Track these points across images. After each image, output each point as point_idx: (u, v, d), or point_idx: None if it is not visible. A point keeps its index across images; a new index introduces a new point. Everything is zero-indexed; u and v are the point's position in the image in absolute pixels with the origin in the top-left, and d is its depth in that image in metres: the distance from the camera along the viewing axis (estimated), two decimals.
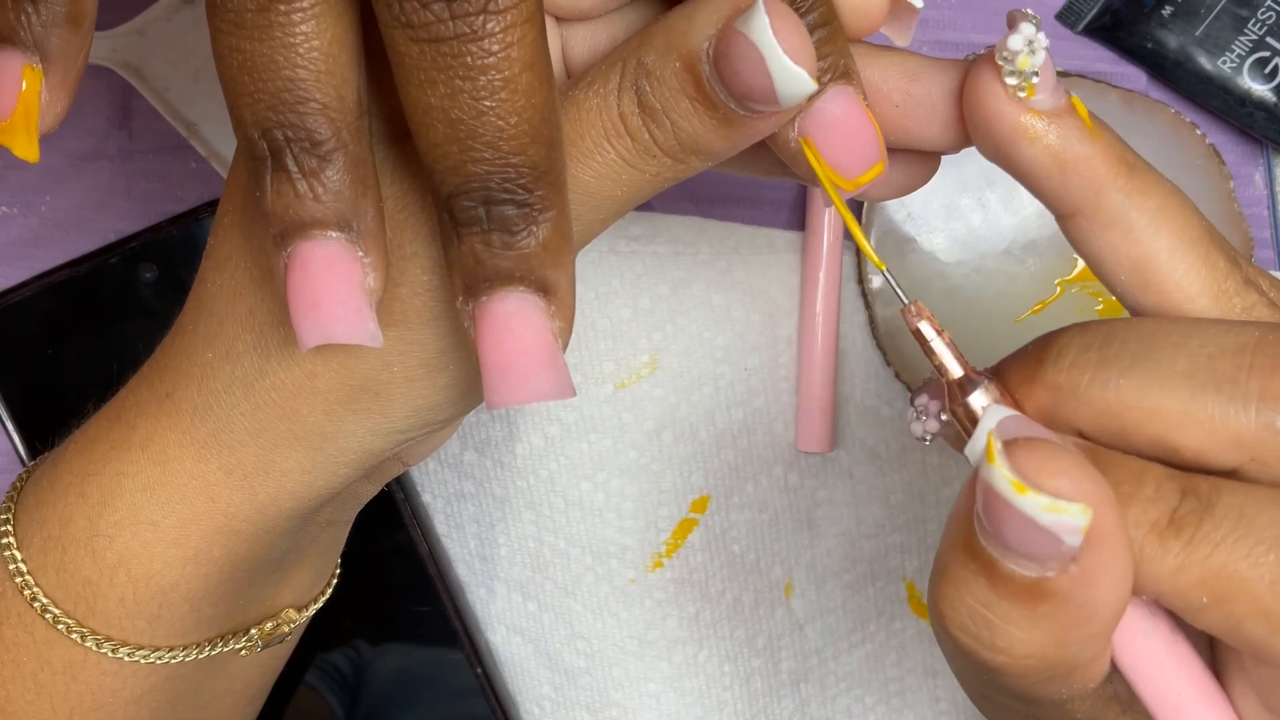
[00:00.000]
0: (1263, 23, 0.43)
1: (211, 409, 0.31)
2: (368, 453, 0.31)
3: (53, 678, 0.33)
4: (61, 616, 0.32)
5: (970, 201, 0.44)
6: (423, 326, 0.29)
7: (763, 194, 0.46)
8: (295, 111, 0.25)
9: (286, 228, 0.26)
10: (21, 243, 0.45)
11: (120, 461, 0.32)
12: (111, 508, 0.32)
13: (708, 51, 0.26)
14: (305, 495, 0.32)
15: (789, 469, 0.46)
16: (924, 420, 0.28)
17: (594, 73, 0.28)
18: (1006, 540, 0.22)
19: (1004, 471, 0.22)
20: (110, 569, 0.32)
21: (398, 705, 0.46)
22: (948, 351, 0.27)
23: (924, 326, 0.27)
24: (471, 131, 0.25)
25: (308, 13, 0.25)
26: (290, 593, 0.36)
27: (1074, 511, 0.21)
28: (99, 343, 0.44)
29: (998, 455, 0.22)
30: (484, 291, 0.26)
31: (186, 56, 0.44)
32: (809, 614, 0.47)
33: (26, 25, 0.26)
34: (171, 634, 0.33)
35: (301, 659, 0.45)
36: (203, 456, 0.31)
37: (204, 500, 0.31)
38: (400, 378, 0.30)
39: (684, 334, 0.46)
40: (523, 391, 0.26)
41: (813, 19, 0.27)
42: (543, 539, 0.46)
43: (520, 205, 0.26)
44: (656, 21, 0.28)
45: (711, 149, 0.28)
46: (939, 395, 0.28)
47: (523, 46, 0.25)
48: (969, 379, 0.26)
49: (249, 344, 0.30)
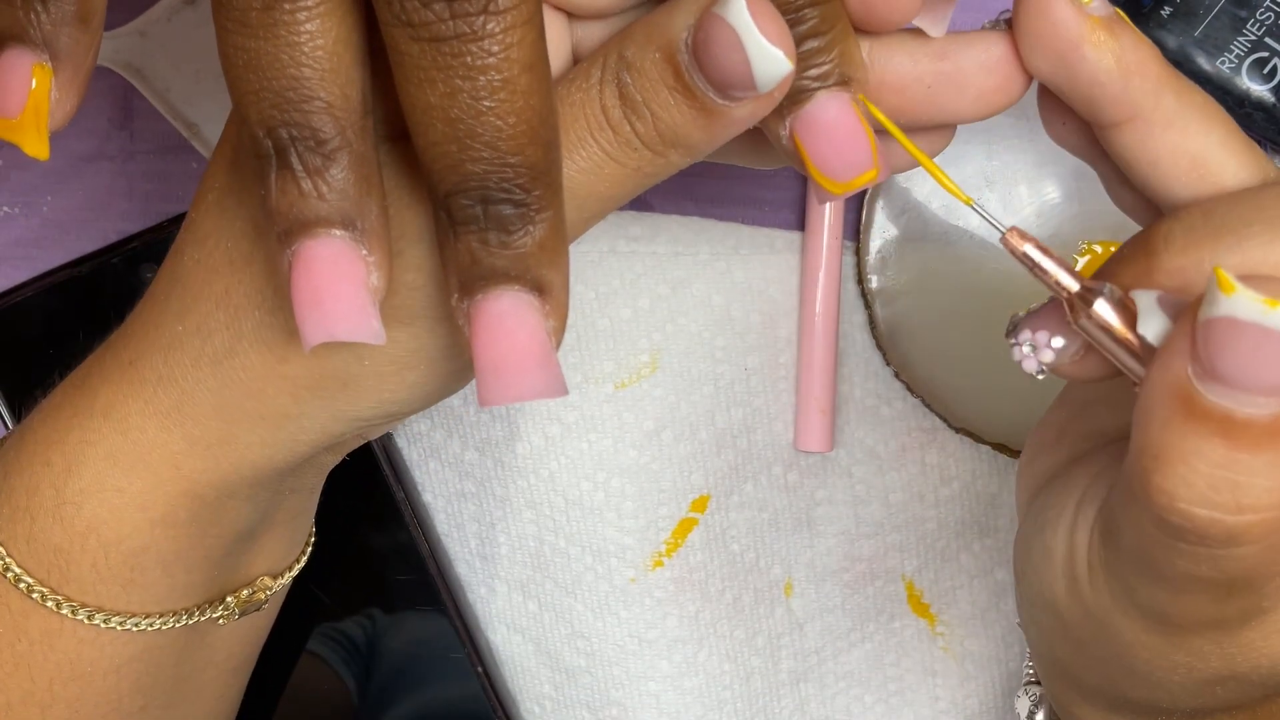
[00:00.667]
0: (1261, 23, 0.43)
1: (176, 381, 0.31)
2: (328, 434, 0.32)
3: (30, 648, 0.33)
4: (36, 585, 0.32)
5: None
6: (400, 325, 0.29)
7: (763, 194, 0.46)
8: (300, 110, 0.25)
9: (291, 226, 0.26)
10: (23, 243, 0.45)
11: (83, 429, 0.32)
12: (76, 475, 0.32)
13: (686, 41, 0.27)
14: (266, 467, 0.32)
15: (788, 468, 0.46)
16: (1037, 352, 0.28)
17: (577, 68, 0.28)
18: (1251, 375, 0.22)
19: (1251, 294, 0.22)
20: (80, 536, 0.32)
21: (397, 704, 0.46)
22: (1061, 269, 0.27)
23: (1031, 250, 0.27)
24: (470, 131, 0.25)
25: (312, 11, 0.25)
26: (264, 560, 0.36)
27: None
28: (100, 343, 0.44)
29: (1238, 285, 0.22)
30: (479, 290, 0.26)
31: (188, 57, 0.44)
32: (808, 613, 0.47)
33: (36, 24, 0.27)
34: (146, 600, 0.33)
35: (301, 658, 0.45)
36: (165, 427, 0.31)
37: (168, 468, 0.32)
38: (370, 372, 0.30)
39: (684, 334, 0.46)
40: (515, 389, 0.26)
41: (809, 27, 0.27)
42: (543, 538, 0.46)
43: (517, 205, 0.26)
44: (639, 18, 0.28)
45: (691, 140, 0.28)
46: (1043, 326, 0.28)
47: (522, 48, 0.25)
48: (1089, 289, 0.26)
49: (221, 322, 0.30)
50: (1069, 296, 0.27)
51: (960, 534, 0.47)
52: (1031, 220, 0.44)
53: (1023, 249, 0.27)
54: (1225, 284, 0.22)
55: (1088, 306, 0.26)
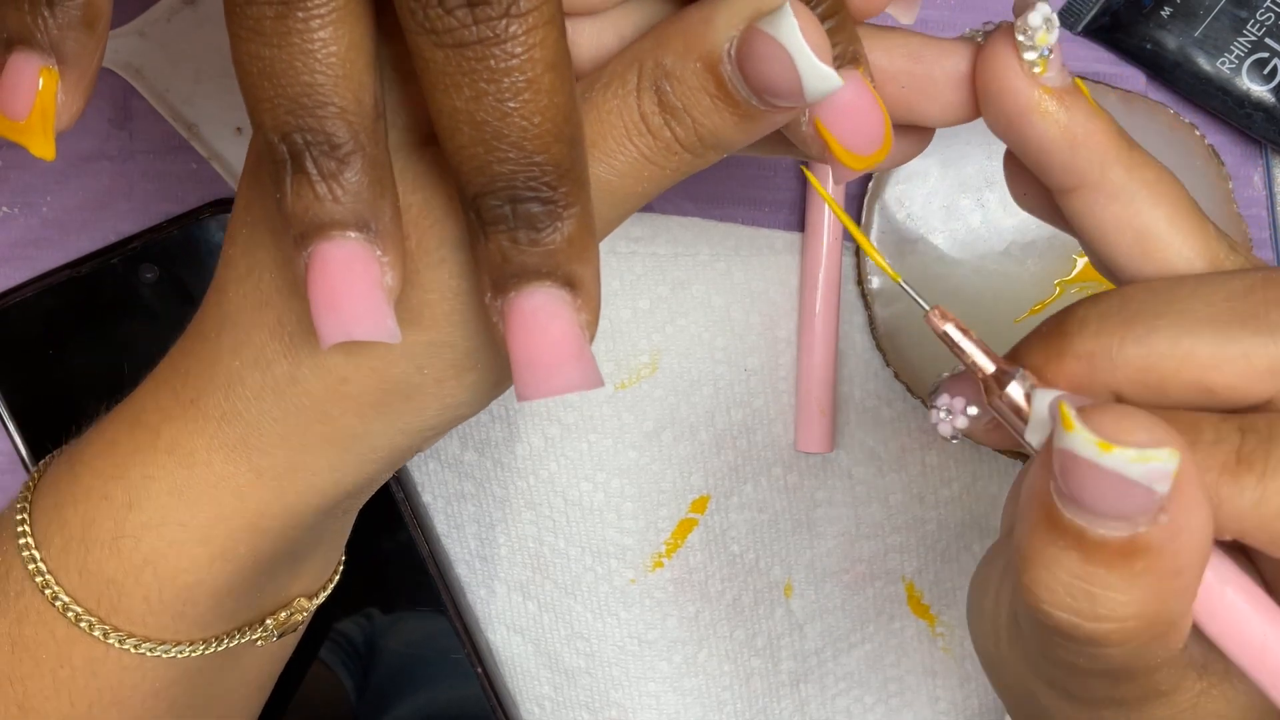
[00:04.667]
0: (1261, 24, 0.43)
1: (240, 415, 0.31)
2: (397, 450, 0.32)
3: (72, 674, 0.33)
4: (84, 615, 0.32)
5: (970, 202, 0.44)
6: (453, 329, 0.30)
7: (763, 195, 0.46)
8: (314, 115, 0.26)
9: (306, 229, 0.27)
10: (22, 243, 0.45)
11: (145, 465, 0.32)
12: (139, 510, 0.32)
13: (729, 52, 0.27)
14: (333, 492, 0.32)
15: (788, 469, 0.46)
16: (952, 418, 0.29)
17: (609, 75, 0.28)
18: (1095, 505, 0.23)
19: (1086, 435, 0.22)
20: (136, 569, 0.32)
21: (397, 704, 0.46)
22: (978, 350, 0.27)
23: (951, 329, 0.28)
24: (496, 133, 0.25)
25: (325, 19, 0.25)
26: (301, 582, 0.37)
27: (1163, 457, 0.22)
28: (100, 344, 0.44)
29: (1076, 422, 0.22)
30: (512, 288, 0.27)
31: (187, 57, 0.44)
32: (808, 614, 0.47)
33: (43, 27, 0.27)
34: (193, 629, 0.33)
35: (303, 658, 0.45)
36: (232, 460, 0.32)
37: (234, 501, 0.32)
38: (430, 379, 0.30)
39: (684, 335, 0.46)
40: (551, 383, 0.27)
41: (823, 9, 0.28)
42: (543, 539, 0.46)
43: (545, 203, 0.26)
44: (670, 22, 0.28)
45: (730, 142, 0.28)
46: (960, 392, 0.29)
47: (545, 48, 0.25)
48: (1003, 371, 0.27)
49: (278, 352, 0.31)
50: (984, 377, 0.27)
51: (960, 535, 0.47)
52: (1031, 221, 0.44)
53: (943, 328, 0.28)
54: (1065, 420, 0.23)
55: (1001, 388, 0.27)
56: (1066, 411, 0.23)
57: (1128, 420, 0.23)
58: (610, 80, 0.28)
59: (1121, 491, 0.22)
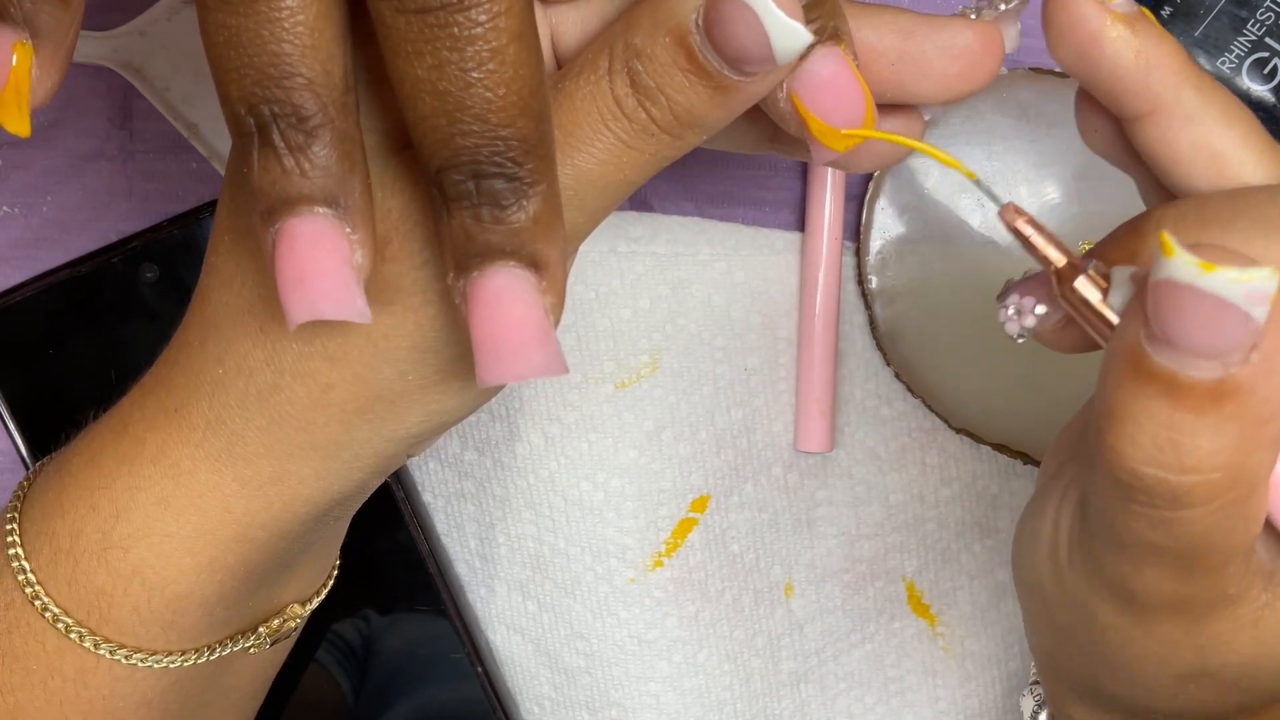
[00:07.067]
0: (1262, 23, 0.43)
1: (225, 424, 0.31)
2: (383, 457, 0.31)
3: (63, 685, 0.33)
4: (74, 626, 0.32)
5: (970, 202, 0.44)
6: (437, 334, 0.29)
7: (763, 194, 0.46)
8: (281, 87, 0.25)
9: (273, 204, 0.26)
10: (22, 243, 0.45)
11: (131, 475, 0.32)
12: (125, 520, 0.32)
13: (697, 21, 0.27)
14: (321, 500, 0.32)
15: (788, 469, 0.46)
16: (1021, 317, 0.29)
17: (581, 61, 0.28)
18: (1189, 338, 0.23)
19: (1187, 257, 0.22)
20: (124, 579, 0.32)
21: (396, 704, 0.46)
22: (1050, 246, 0.28)
23: (1023, 225, 0.28)
24: (459, 104, 0.25)
25: None
26: (294, 589, 0.36)
27: (1263, 276, 0.22)
28: (100, 343, 0.44)
29: (1177, 247, 0.22)
30: (474, 267, 0.26)
31: (188, 57, 0.44)
32: (809, 614, 0.47)
33: (16, 2, 0.26)
34: (184, 638, 0.33)
35: (302, 657, 0.45)
36: (217, 469, 0.31)
37: (220, 510, 0.31)
38: (415, 386, 0.30)
39: (684, 334, 0.46)
40: (514, 367, 0.26)
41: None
42: (542, 538, 0.46)
43: (510, 179, 0.25)
44: (638, 2, 0.28)
45: (707, 119, 0.28)
46: (1030, 292, 0.29)
47: (510, 17, 0.25)
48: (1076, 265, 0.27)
49: (261, 360, 0.30)
50: (1055, 269, 0.27)
51: (961, 535, 0.47)
52: None
53: (1015, 224, 0.28)
54: (1166, 247, 0.23)
55: (1072, 280, 0.27)
56: (1167, 239, 0.23)
57: (1225, 249, 0.23)
58: (582, 67, 0.28)
59: (1218, 319, 0.22)
